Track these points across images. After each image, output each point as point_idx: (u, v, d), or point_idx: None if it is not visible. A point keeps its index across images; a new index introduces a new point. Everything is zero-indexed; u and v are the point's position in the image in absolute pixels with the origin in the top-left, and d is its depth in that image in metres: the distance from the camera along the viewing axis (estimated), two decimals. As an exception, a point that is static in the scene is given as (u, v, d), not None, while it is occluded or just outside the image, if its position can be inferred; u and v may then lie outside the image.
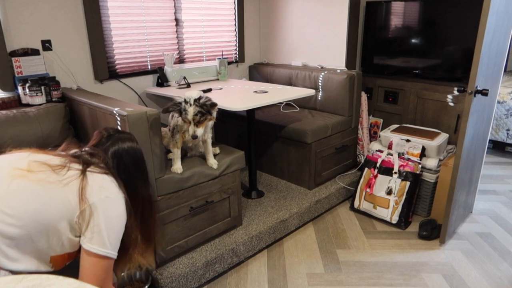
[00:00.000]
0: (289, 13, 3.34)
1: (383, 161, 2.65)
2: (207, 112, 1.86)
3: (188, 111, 1.82)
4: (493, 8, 1.90)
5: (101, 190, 1.12)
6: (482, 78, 2.08)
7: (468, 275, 2.09)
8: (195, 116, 1.83)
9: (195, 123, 1.85)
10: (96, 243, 1.09)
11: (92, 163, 1.17)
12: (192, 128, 1.85)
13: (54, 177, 1.09)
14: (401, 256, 2.27)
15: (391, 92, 3.12)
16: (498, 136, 3.86)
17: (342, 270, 2.15)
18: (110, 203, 1.13)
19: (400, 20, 2.90)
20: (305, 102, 3.22)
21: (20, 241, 1.03)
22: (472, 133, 2.22)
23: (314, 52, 3.25)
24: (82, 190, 1.09)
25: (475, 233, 2.49)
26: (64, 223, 1.07)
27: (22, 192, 1.04)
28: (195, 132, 1.84)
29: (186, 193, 1.96)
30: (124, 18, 2.65)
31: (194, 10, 3.06)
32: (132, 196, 1.24)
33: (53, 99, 2.20)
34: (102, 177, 1.16)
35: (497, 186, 3.19)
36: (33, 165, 1.10)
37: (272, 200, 2.62)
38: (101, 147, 1.26)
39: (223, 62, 3.10)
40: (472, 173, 2.48)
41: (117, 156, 1.26)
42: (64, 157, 1.17)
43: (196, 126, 1.85)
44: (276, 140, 2.91)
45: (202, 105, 1.85)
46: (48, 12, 2.29)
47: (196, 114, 1.83)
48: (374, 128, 3.29)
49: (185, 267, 1.95)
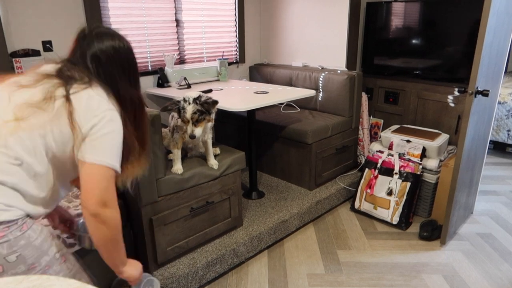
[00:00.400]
0: (290, 13, 3.34)
1: (384, 161, 2.65)
2: (206, 111, 1.86)
3: (186, 110, 1.82)
4: (493, 8, 1.89)
5: (89, 112, 1.05)
6: (483, 79, 2.08)
7: (469, 276, 2.09)
8: (193, 115, 1.82)
9: (194, 123, 1.84)
10: (99, 155, 1.05)
11: (74, 80, 1.07)
12: (190, 128, 1.84)
13: (45, 116, 1.02)
14: (401, 257, 2.27)
15: (391, 92, 3.12)
16: (498, 136, 3.86)
17: (342, 270, 2.15)
18: (102, 123, 1.06)
19: (401, 20, 2.90)
20: (305, 102, 3.22)
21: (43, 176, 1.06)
22: (473, 134, 2.21)
23: (315, 52, 3.26)
24: (71, 117, 1.03)
25: (476, 234, 2.49)
26: (73, 151, 1.06)
27: (23, 145, 1.00)
28: (193, 132, 1.83)
29: (187, 193, 1.96)
30: (124, 19, 2.66)
31: (195, 11, 3.06)
32: (123, 101, 1.15)
33: (53, 99, 2.20)
34: (87, 95, 1.06)
35: (498, 187, 3.19)
36: (19, 111, 1.01)
37: (272, 200, 2.62)
38: (80, 52, 1.12)
39: (224, 62, 3.10)
40: (472, 173, 2.48)
41: (95, 60, 1.11)
42: (42, 80, 1.06)
43: (195, 125, 1.84)
44: (277, 141, 2.91)
45: (203, 103, 1.84)
46: (49, 13, 2.29)
47: (194, 113, 1.82)
48: (375, 129, 3.29)
49: (185, 268, 1.95)
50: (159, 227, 1.88)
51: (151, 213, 1.84)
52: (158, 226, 1.87)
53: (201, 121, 1.86)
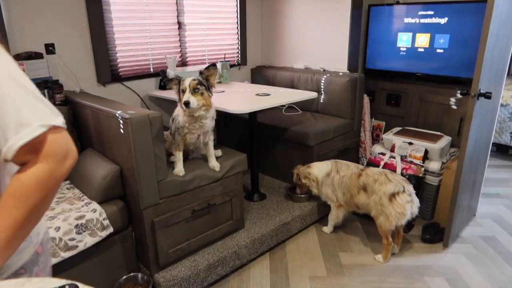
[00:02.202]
0: (291, 15, 3.34)
1: (386, 164, 2.65)
2: (205, 86, 1.87)
3: (185, 79, 1.84)
4: (496, 11, 1.89)
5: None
6: (485, 81, 2.07)
7: (472, 279, 2.07)
8: (192, 81, 1.83)
9: (191, 90, 1.82)
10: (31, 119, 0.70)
11: None
12: (187, 95, 1.80)
13: None
14: (404, 260, 2.26)
15: (393, 94, 3.11)
16: (501, 139, 3.84)
17: (344, 273, 2.14)
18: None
19: (402, 23, 2.90)
20: (307, 104, 3.22)
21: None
22: (475, 136, 2.21)
23: (316, 54, 3.26)
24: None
25: (478, 237, 2.48)
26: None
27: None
28: (188, 98, 1.80)
29: (188, 195, 1.96)
30: (127, 21, 2.66)
31: (197, 14, 3.07)
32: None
33: (56, 102, 2.21)
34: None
35: (501, 189, 3.17)
36: None
37: (274, 202, 2.62)
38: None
39: (226, 65, 3.11)
40: (475, 176, 2.47)
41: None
42: None
43: (192, 94, 1.82)
44: (278, 143, 2.91)
45: (201, 73, 1.88)
46: (52, 16, 2.30)
47: (194, 80, 1.83)
48: (377, 131, 3.28)
49: (187, 270, 1.95)
50: (161, 229, 1.88)
51: (153, 215, 1.84)
52: (160, 228, 1.87)
53: (198, 91, 1.85)
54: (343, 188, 2.35)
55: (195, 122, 1.94)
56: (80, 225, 1.66)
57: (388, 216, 2.14)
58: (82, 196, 1.87)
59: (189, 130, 1.97)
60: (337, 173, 2.37)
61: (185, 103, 1.80)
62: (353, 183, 2.30)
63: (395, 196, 2.12)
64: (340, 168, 2.39)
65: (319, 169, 2.45)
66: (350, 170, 2.36)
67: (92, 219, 1.71)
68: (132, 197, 1.85)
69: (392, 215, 2.12)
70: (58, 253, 1.59)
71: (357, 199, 2.30)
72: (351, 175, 2.32)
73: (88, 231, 1.69)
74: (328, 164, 2.46)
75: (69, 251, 1.62)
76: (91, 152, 2.07)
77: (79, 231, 1.66)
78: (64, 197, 1.89)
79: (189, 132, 1.98)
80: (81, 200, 1.82)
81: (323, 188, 2.44)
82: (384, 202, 2.15)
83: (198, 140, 2.04)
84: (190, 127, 1.95)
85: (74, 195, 1.89)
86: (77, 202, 1.81)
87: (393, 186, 2.14)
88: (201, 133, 2.01)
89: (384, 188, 2.16)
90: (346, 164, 2.41)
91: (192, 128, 1.96)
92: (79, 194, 1.90)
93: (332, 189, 2.40)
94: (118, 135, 1.79)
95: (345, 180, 2.34)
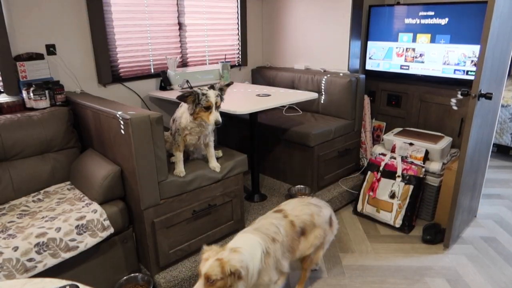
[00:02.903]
0: (292, 16, 3.35)
1: (386, 164, 2.65)
2: (221, 97, 1.91)
3: (209, 94, 1.83)
4: (496, 12, 1.89)
5: None
6: (486, 82, 2.07)
7: (473, 280, 2.07)
8: (216, 98, 1.84)
9: (217, 107, 1.86)
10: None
11: None
12: (214, 113, 1.83)
13: None
14: (404, 260, 2.26)
15: (394, 95, 3.11)
16: (502, 140, 3.84)
17: (345, 274, 2.14)
18: None
19: (403, 24, 2.90)
20: (308, 105, 3.22)
21: None
22: (476, 137, 2.21)
23: (317, 55, 3.26)
24: None
25: (479, 238, 2.48)
26: None
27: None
28: (218, 118, 1.83)
29: (189, 196, 1.96)
30: (127, 22, 2.67)
31: (197, 14, 3.08)
32: None
33: (57, 103, 2.21)
34: None
35: (502, 190, 3.17)
36: None
37: (275, 203, 2.62)
38: None
39: (226, 65, 3.11)
40: (476, 177, 2.46)
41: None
42: None
43: (216, 110, 1.86)
44: (279, 143, 2.91)
45: (220, 89, 1.90)
46: (53, 16, 2.31)
47: (217, 96, 1.85)
48: (377, 132, 3.29)
49: (188, 271, 1.95)
50: (161, 230, 1.88)
51: (154, 215, 1.84)
52: (161, 229, 1.87)
53: (219, 107, 1.89)
54: (286, 252, 1.69)
55: (198, 126, 1.95)
56: (81, 225, 1.66)
57: (326, 243, 1.90)
58: (83, 197, 1.87)
59: (190, 131, 1.97)
60: (274, 242, 1.62)
61: (216, 122, 1.83)
62: (293, 237, 1.73)
63: (331, 218, 1.94)
64: (272, 234, 1.64)
65: (251, 254, 1.51)
66: (278, 226, 1.69)
67: (93, 219, 1.71)
68: (132, 198, 1.85)
69: (329, 241, 1.91)
70: (59, 253, 1.59)
71: (299, 249, 1.78)
72: (286, 230, 1.70)
73: (89, 231, 1.69)
74: (253, 238, 1.58)
75: (70, 252, 1.62)
76: (92, 153, 2.08)
77: (80, 232, 1.66)
78: (64, 197, 1.89)
79: (189, 133, 1.98)
80: (82, 201, 1.82)
81: (263, 276, 1.56)
82: (327, 230, 1.88)
83: (199, 141, 2.04)
84: (191, 129, 1.96)
85: (74, 196, 1.90)
86: (77, 203, 1.81)
87: (327, 210, 1.93)
88: (202, 134, 2.01)
89: (323, 217, 1.86)
90: (268, 223, 1.69)
91: (193, 129, 1.96)
92: (80, 195, 1.90)
93: (276, 265, 1.62)
94: (118, 135, 1.80)
95: (286, 242, 1.69)
